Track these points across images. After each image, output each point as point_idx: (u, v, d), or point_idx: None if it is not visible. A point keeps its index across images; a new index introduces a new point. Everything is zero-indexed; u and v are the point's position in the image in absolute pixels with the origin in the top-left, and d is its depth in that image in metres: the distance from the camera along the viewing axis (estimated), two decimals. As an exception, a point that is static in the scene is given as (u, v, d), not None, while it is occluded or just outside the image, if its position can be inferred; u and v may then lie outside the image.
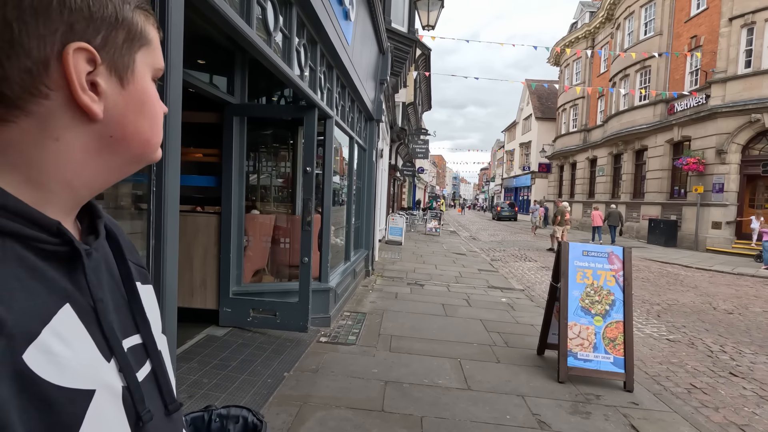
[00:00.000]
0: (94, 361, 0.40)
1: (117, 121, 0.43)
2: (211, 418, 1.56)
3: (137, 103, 0.44)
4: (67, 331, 0.38)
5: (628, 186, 20.01)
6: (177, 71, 1.62)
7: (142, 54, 0.45)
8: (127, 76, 0.43)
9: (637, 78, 19.34)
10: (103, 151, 0.43)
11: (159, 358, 0.50)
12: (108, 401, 0.40)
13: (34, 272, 0.38)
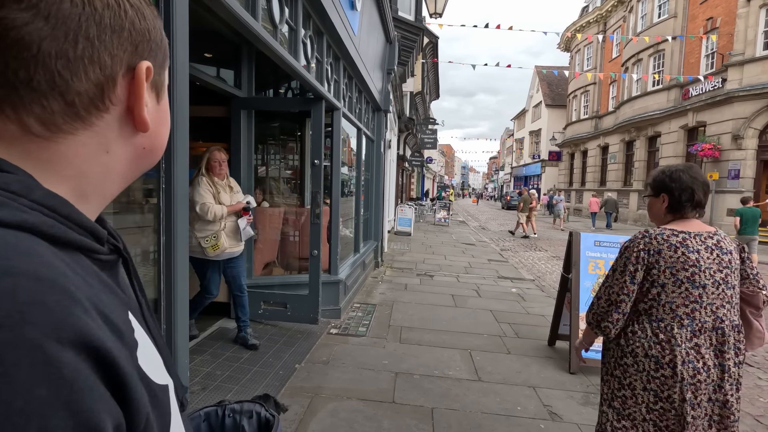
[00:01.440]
0: (158, 359, 0.43)
1: (152, 134, 0.46)
2: (224, 413, 1.57)
3: (164, 116, 0.48)
4: (140, 334, 0.40)
5: (641, 173, 19.68)
6: (183, 68, 1.61)
7: (165, 72, 0.49)
8: (161, 92, 0.47)
9: (650, 63, 18.90)
10: (135, 162, 0.46)
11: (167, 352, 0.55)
12: (173, 393, 0.44)
13: (105, 284, 0.39)
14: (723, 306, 1.55)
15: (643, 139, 19.54)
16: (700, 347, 1.52)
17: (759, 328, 1.67)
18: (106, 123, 0.41)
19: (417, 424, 2.59)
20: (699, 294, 1.54)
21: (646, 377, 1.57)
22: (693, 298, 1.54)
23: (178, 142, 1.59)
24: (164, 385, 0.40)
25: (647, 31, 18.53)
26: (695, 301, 1.54)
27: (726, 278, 1.57)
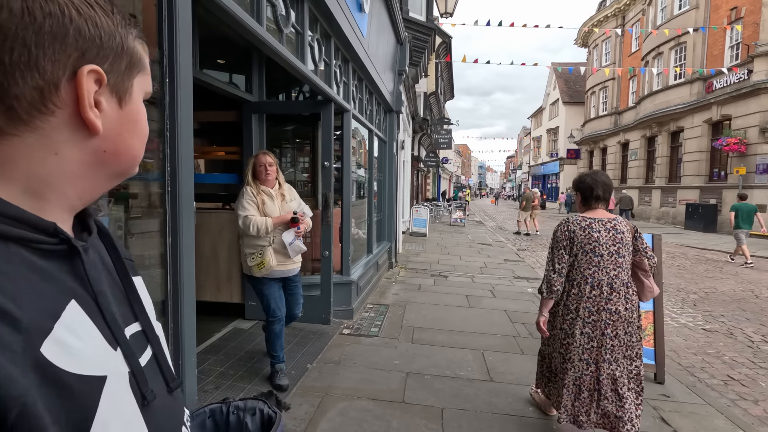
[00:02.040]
0: (103, 350, 0.44)
1: (112, 138, 0.47)
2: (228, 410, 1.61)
3: (130, 122, 0.49)
4: (76, 324, 0.42)
5: (663, 169, 19.16)
6: (186, 75, 1.65)
7: (138, 79, 0.50)
8: (125, 97, 0.48)
9: (671, 56, 18.39)
10: (96, 165, 0.47)
11: (158, 343, 0.55)
12: (118, 385, 0.44)
13: (39, 273, 0.41)
14: (614, 269, 2.26)
15: (665, 135, 19.01)
16: (596, 297, 2.25)
17: (648, 285, 2.35)
18: (51, 126, 0.42)
19: (426, 423, 2.58)
20: (598, 261, 2.25)
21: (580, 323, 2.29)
22: (594, 263, 2.26)
23: (183, 146, 1.64)
24: (91, 376, 0.41)
25: (668, 23, 18.04)
26: (595, 266, 2.26)
27: (618, 250, 2.26)
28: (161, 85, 1.61)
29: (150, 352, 0.53)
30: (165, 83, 1.60)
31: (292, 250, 2.93)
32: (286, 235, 2.90)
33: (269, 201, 2.89)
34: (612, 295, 2.23)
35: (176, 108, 1.62)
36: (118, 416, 0.43)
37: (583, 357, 2.28)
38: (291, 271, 3.04)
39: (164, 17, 1.60)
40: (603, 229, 2.27)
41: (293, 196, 3.07)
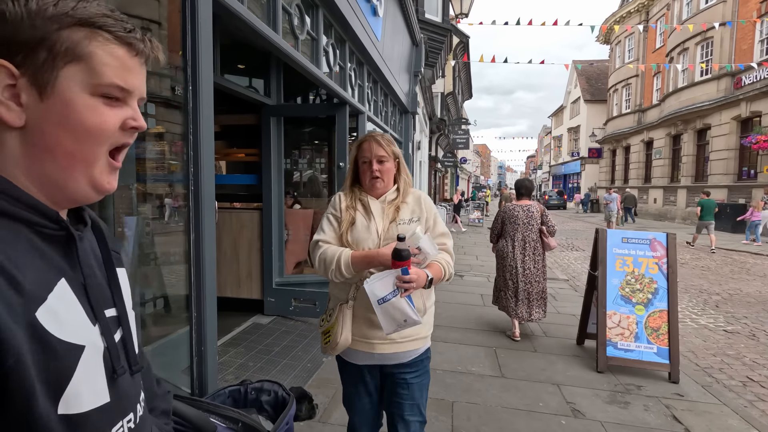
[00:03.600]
0: (84, 324, 0.51)
1: (38, 131, 0.48)
2: (247, 391, 1.73)
3: (58, 115, 0.48)
4: (64, 299, 0.49)
5: (689, 168, 18.59)
6: (207, 80, 1.78)
7: (69, 70, 0.48)
8: (46, 90, 0.47)
9: (697, 51, 17.84)
10: (36, 160, 0.49)
11: (129, 328, 0.61)
12: (93, 356, 0.51)
13: (38, 251, 0.48)
14: (526, 232, 3.99)
15: (691, 133, 18.46)
16: (515, 248, 3.98)
17: (548, 242, 4.00)
18: None
19: (437, 416, 2.65)
20: (516, 227, 4.01)
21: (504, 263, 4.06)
22: (514, 228, 4.02)
23: (204, 147, 1.77)
24: (73, 344, 0.48)
25: (693, 18, 17.51)
26: (515, 230, 4.01)
27: (528, 221, 3.98)
28: (184, 90, 1.74)
29: (120, 334, 0.58)
30: (188, 89, 1.74)
31: (384, 315, 1.44)
32: (376, 285, 1.43)
33: (363, 220, 1.59)
34: (525, 245, 3.99)
35: (198, 112, 1.75)
36: (89, 382, 0.50)
37: (513, 277, 4.00)
38: (389, 356, 1.59)
39: (187, 28, 1.73)
40: (521, 210, 4.04)
41: (419, 214, 1.62)
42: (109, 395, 0.53)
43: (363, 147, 1.64)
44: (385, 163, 1.62)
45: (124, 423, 0.56)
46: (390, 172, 1.64)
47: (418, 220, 1.60)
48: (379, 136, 1.65)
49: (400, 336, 1.57)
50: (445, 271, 1.59)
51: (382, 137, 1.64)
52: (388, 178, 1.64)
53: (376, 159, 1.61)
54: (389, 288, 1.42)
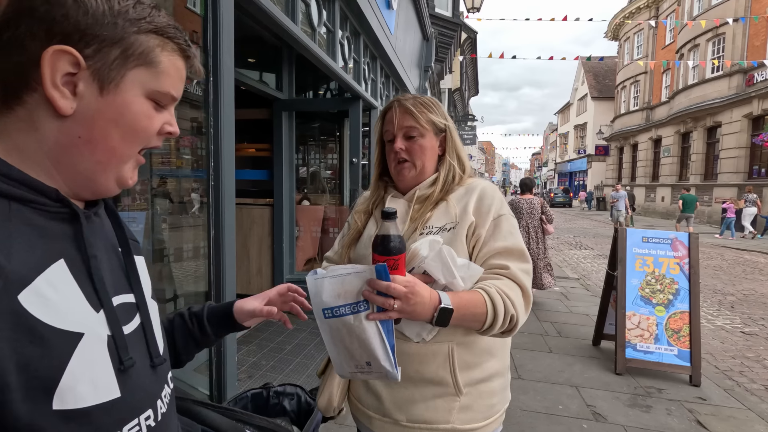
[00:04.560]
0: (83, 310, 0.47)
1: (87, 123, 0.48)
2: (269, 395, 1.67)
3: (114, 112, 0.49)
4: (59, 281, 0.45)
5: (698, 167, 18.39)
6: (229, 73, 1.72)
7: (137, 73, 0.49)
8: (108, 86, 0.48)
9: (708, 48, 17.60)
10: (72, 149, 0.48)
11: (148, 317, 0.57)
12: (94, 345, 0.47)
13: (38, 230, 0.45)
14: (529, 220, 4.95)
15: (700, 130, 18.24)
16: (523, 231, 4.91)
17: (547, 228, 4.97)
18: (35, 102, 0.46)
19: (454, 418, 2.60)
20: (521, 216, 4.95)
21: None
22: (519, 217, 4.82)
23: (225, 142, 1.71)
24: (67, 331, 0.44)
25: (705, 14, 17.26)
26: (520, 219, 4.88)
27: (531, 212, 4.98)
28: (206, 84, 1.68)
29: (137, 323, 0.55)
30: (209, 82, 1.68)
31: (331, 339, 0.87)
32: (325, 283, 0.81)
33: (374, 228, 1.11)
34: (529, 230, 4.95)
35: (219, 106, 1.69)
36: (90, 373, 0.45)
37: None
38: None
39: (209, 20, 1.67)
40: (525, 203, 5.01)
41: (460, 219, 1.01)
42: (119, 390, 0.48)
43: (386, 117, 1.10)
44: (416, 140, 1.05)
45: (141, 420, 0.51)
46: (425, 151, 1.06)
47: (452, 229, 0.98)
48: (411, 98, 1.08)
49: (410, 418, 0.98)
50: (492, 311, 0.87)
51: (414, 99, 1.07)
52: (423, 162, 1.06)
53: (403, 133, 1.05)
54: (349, 295, 0.78)
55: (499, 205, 1.02)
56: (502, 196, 1.06)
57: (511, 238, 0.98)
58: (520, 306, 0.92)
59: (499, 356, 1.05)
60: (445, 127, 1.09)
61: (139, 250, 0.63)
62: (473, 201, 1.02)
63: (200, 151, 2.01)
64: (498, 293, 0.89)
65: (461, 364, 0.98)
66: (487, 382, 1.01)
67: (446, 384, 0.98)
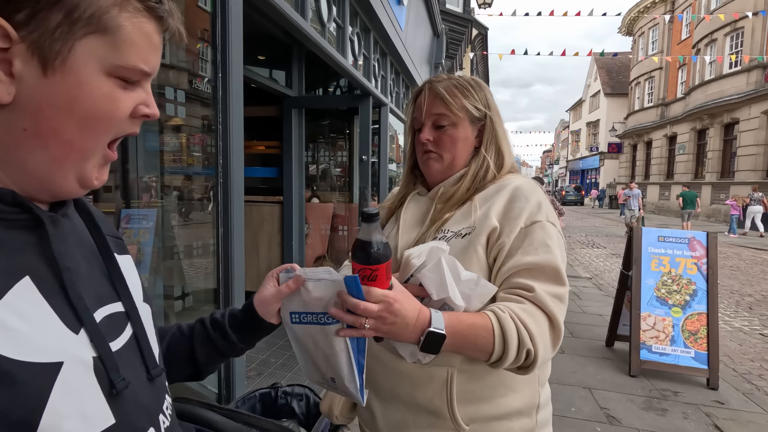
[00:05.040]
0: (60, 334, 0.39)
1: (32, 112, 0.38)
2: (277, 395, 1.65)
3: (64, 97, 0.39)
4: (24, 305, 0.37)
5: (715, 164, 18.01)
6: (238, 69, 1.70)
7: (89, 42, 0.39)
8: (54, 63, 0.38)
9: (726, 42, 17.19)
10: (18, 145, 0.39)
11: (141, 325, 0.50)
12: (78, 372, 0.39)
13: None
14: None
15: (717, 127, 17.85)
16: None
17: None
18: None
19: (465, 419, 2.57)
20: None
21: None
22: None
23: (234, 138, 1.69)
24: (41, 363, 0.36)
25: (723, 8, 16.85)
26: None
27: None
28: (215, 80, 1.67)
29: (129, 334, 0.48)
30: (218, 79, 1.66)
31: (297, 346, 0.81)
32: None
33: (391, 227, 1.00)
34: None
35: (228, 102, 1.67)
36: (76, 406, 0.38)
37: None
38: None
39: (218, 16, 1.65)
40: None
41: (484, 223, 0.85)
42: (113, 416, 0.42)
43: (416, 103, 0.97)
44: (446, 129, 0.91)
45: None
46: (456, 143, 0.92)
47: (467, 236, 0.84)
48: (445, 80, 0.93)
49: None
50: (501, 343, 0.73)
51: (449, 81, 0.92)
52: (453, 155, 0.92)
53: (432, 121, 0.92)
54: (318, 304, 0.71)
55: (534, 209, 0.83)
56: (543, 197, 0.87)
57: (544, 251, 0.79)
58: (542, 339, 0.74)
59: (522, 390, 0.85)
60: (484, 114, 0.93)
61: (123, 247, 0.55)
62: (501, 202, 0.86)
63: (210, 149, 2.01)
64: (512, 320, 0.73)
65: (463, 395, 0.83)
66: (502, 421, 0.84)
67: (442, 416, 0.83)
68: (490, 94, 0.96)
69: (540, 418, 0.88)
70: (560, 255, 0.81)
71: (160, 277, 2.16)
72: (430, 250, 0.80)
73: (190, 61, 2.48)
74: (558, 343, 0.78)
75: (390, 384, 0.87)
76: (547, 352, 0.76)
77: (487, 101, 0.94)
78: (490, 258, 0.83)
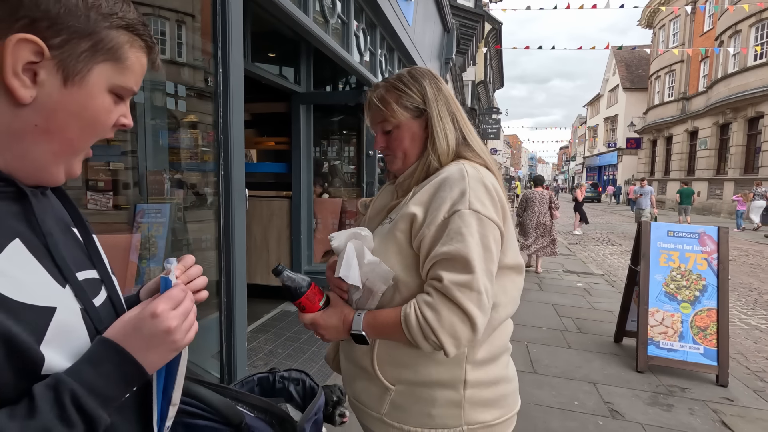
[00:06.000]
0: (50, 286, 0.47)
1: (46, 113, 0.47)
2: (274, 379, 1.71)
3: (76, 105, 0.48)
4: (19, 259, 0.45)
5: (738, 160, 17.46)
6: (238, 64, 1.75)
7: (104, 67, 0.49)
8: (73, 78, 0.47)
9: (751, 34, 16.61)
10: (26, 137, 0.47)
11: (115, 290, 0.58)
12: (69, 318, 0.48)
13: None
14: (540, 209, 6.44)
15: (741, 122, 17.29)
16: (532, 217, 6.50)
17: (554, 213, 6.47)
18: None
19: (466, 410, 2.58)
20: (533, 204, 6.47)
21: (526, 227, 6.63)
22: (532, 205, 6.49)
23: (234, 132, 1.74)
24: (39, 306, 0.44)
25: (747, -3, 16.29)
26: (533, 206, 6.47)
27: (541, 201, 6.45)
28: (215, 75, 1.72)
29: (104, 296, 0.56)
30: (218, 73, 1.71)
31: None
32: None
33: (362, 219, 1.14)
34: (539, 216, 6.37)
35: (228, 97, 1.72)
36: (67, 343, 0.47)
37: (529, 233, 6.43)
38: None
39: (218, 12, 1.70)
40: (537, 194, 6.46)
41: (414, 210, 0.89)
42: None
43: None
44: (392, 133, 0.99)
45: None
46: (404, 141, 0.98)
47: (392, 221, 0.93)
48: (382, 86, 1.00)
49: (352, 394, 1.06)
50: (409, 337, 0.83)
51: (385, 86, 0.99)
52: (405, 151, 0.99)
53: (379, 129, 1.01)
54: None
55: (457, 198, 0.83)
56: (477, 185, 0.86)
57: (457, 241, 0.81)
58: (446, 330, 0.80)
59: (444, 365, 0.90)
60: (423, 109, 0.96)
61: (92, 229, 0.64)
62: (427, 191, 0.89)
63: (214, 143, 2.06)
64: (415, 314, 0.82)
65: (385, 358, 0.93)
66: (425, 388, 0.91)
67: (370, 374, 0.95)
68: (430, 81, 0.98)
69: (469, 395, 0.91)
70: (476, 242, 0.81)
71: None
72: (347, 236, 0.91)
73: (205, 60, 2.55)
74: (475, 330, 0.81)
75: (344, 343, 1.04)
76: (458, 340, 0.81)
77: (424, 93, 0.96)
78: (414, 245, 0.88)
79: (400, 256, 0.88)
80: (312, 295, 0.92)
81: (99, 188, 2.15)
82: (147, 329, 0.49)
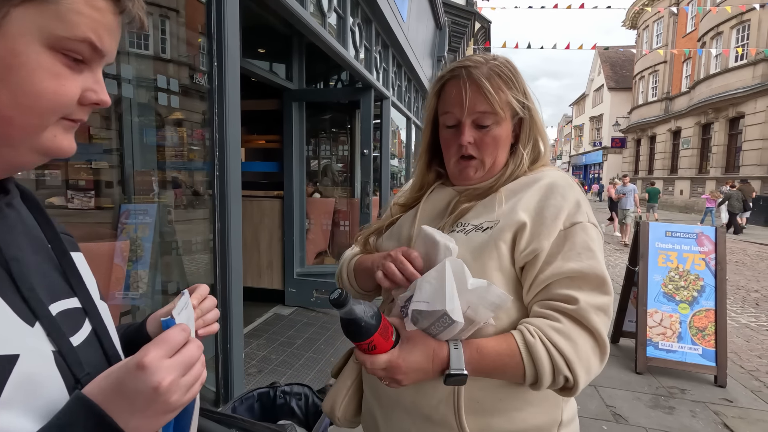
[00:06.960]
0: (12, 327, 0.37)
1: None
2: (276, 394, 1.59)
3: None
4: None
5: (719, 159, 17.85)
6: (234, 59, 1.65)
7: (26, 10, 0.35)
8: None
9: (732, 36, 16.98)
10: None
11: (100, 321, 0.48)
12: (37, 365, 0.37)
13: None
14: None
15: (722, 122, 17.68)
16: None
17: None
18: None
19: (468, 417, 2.52)
20: None
21: None
22: None
23: (230, 131, 1.64)
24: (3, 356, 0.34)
25: (729, 0, 16.64)
26: None
27: None
28: (210, 70, 1.61)
29: (88, 330, 0.46)
30: (214, 68, 1.60)
31: None
32: None
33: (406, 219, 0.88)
34: None
35: (224, 94, 1.62)
36: (33, 399, 0.36)
37: None
38: None
39: (213, 4, 1.59)
40: None
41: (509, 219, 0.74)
42: None
43: (446, 92, 0.81)
44: (490, 129, 0.78)
45: None
46: (499, 144, 0.80)
47: (488, 230, 0.74)
48: (483, 64, 0.78)
49: None
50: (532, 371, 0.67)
51: (489, 69, 0.77)
52: (495, 158, 0.81)
53: (473, 120, 0.78)
54: None
55: (573, 209, 0.72)
56: (581, 194, 0.75)
57: (587, 257, 0.70)
58: (583, 362, 0.66)
59: (541, 405, 0.76)
60: (523, 108, 0.79)
61: (75, 245, 0.53)
62: (532, 198, 0.74)
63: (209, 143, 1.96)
64: (543, 345, 0.66)
65: (473, 405, 0.73)
66: None
67: (448, 426, 0.74)
68: (524, 80, 0.82)
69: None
70: (601, 259, 0.72)
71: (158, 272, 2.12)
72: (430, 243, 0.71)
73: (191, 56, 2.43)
74: (604, 359, 0.70)
75: (392, 390, 0.76)
76: (591, 373, 0.68)
77: (526, 90, 0.81)
78: (517, 261, 0.72)
79: (502, 274, 0.72)
80: (384, 328, 0.66)
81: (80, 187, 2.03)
82: (131, 385, 0.37)
